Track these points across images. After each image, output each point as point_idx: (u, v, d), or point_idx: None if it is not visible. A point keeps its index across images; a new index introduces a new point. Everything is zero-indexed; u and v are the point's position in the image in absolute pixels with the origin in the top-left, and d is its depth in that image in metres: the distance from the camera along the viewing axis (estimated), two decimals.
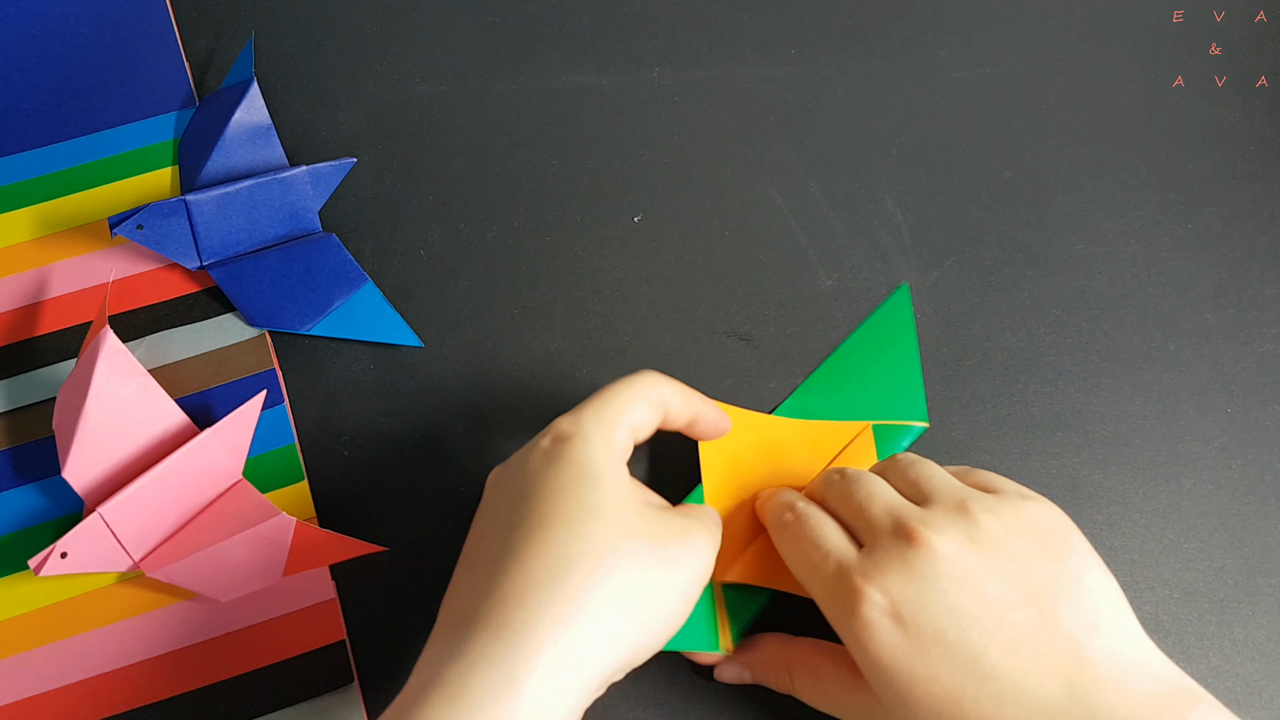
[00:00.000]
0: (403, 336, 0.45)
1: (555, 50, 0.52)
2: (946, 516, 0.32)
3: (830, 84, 0.51)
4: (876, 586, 0.31)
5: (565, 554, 0.30)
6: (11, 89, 0.50)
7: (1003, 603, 0.31)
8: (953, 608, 0.31)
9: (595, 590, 0.30)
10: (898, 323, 0.45)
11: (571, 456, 0.33)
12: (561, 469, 0.32)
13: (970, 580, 0.31)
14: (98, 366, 0.39)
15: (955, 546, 0.32)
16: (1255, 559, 0.41)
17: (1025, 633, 0.30)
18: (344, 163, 0.46)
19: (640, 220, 0.48)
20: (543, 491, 0.32)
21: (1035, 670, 0.30)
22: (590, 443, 0.33)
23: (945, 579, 0.31)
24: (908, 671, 0.31)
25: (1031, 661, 0.30)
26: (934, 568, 0.31)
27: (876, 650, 0.31)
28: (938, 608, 0.31)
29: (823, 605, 0.34)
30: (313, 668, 0.39)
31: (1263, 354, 0.45)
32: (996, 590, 0.31)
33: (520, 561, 0.30)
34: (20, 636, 0.40)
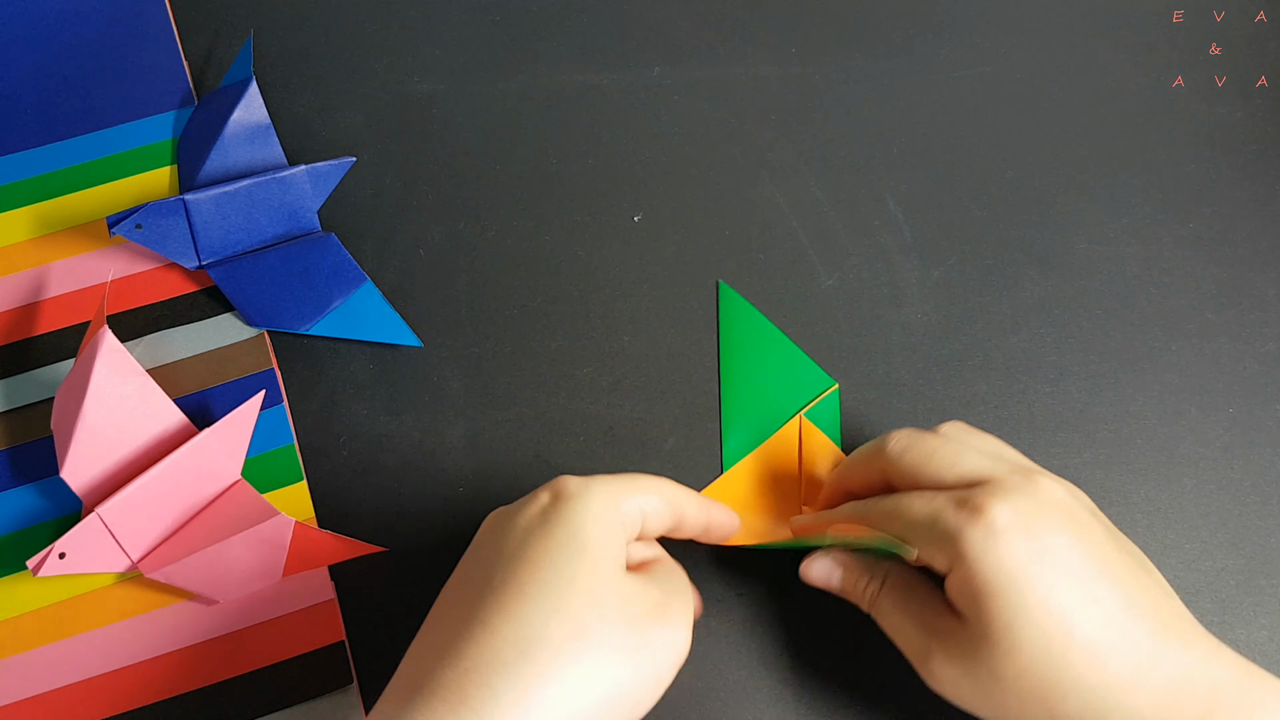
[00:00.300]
0: (402, 336, 0.44)
1: (555, 50, 0.52)
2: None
3: (830, 84, 0.51)
4: (1004, 503, 0.32)
5: (534, 632, 0.29)
6: (10, 88, 0.50)
7: (1106, 543, 0.33)
8: (1071, 537, 0.32)
9: (561, 674, 0.29)
10: (741, 318, 0.45)
11: (564, 520, 0.32)
12: (551, 532, 0.31)
13: (1074, 519, 0.33)
14: (96, 366, 0.39)
15: (1062, 490, 0.33)
16: (1257, 559, 0.41)
17: (1127, 575, 0.32)
18: (343, 162, 0.46)
19: (640, 220, 0.48)
20: (527, 554, 0.31)
21: (1133, 613, 0.31)
22: (589, 510, 0.32)
23: (1065, 511, 0.33)
24: (1028, 585, 0.31)
25: (1129, 605, 0.31)
26: (1054, 498, 0.33)
27: (1005, 572, 0.31)
28: (1060, 532, 0.32)
29: (929, 536, 0.33)
30: (312, 668, 0.39)
31: (1264, 354, 0.45)
32: (1100, 533, 0.33)
33: (489, 632, 0.30)
34: (19, 637, 0.39)
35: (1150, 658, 0.31)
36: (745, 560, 0.41)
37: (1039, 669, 0.31)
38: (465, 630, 0.30)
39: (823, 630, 0.40)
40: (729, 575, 0.41)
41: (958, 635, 0.33)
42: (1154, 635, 0.31)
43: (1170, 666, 0.31)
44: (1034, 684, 0.31)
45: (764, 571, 0.41)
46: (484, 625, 0.30)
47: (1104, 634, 0.31)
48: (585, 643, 0.30)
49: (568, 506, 0.32)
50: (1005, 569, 0.31)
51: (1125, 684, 0.31)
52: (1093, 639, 0.31)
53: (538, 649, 0.29)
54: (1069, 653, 0.31)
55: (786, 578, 0.41)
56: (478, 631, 0.30)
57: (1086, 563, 0.32)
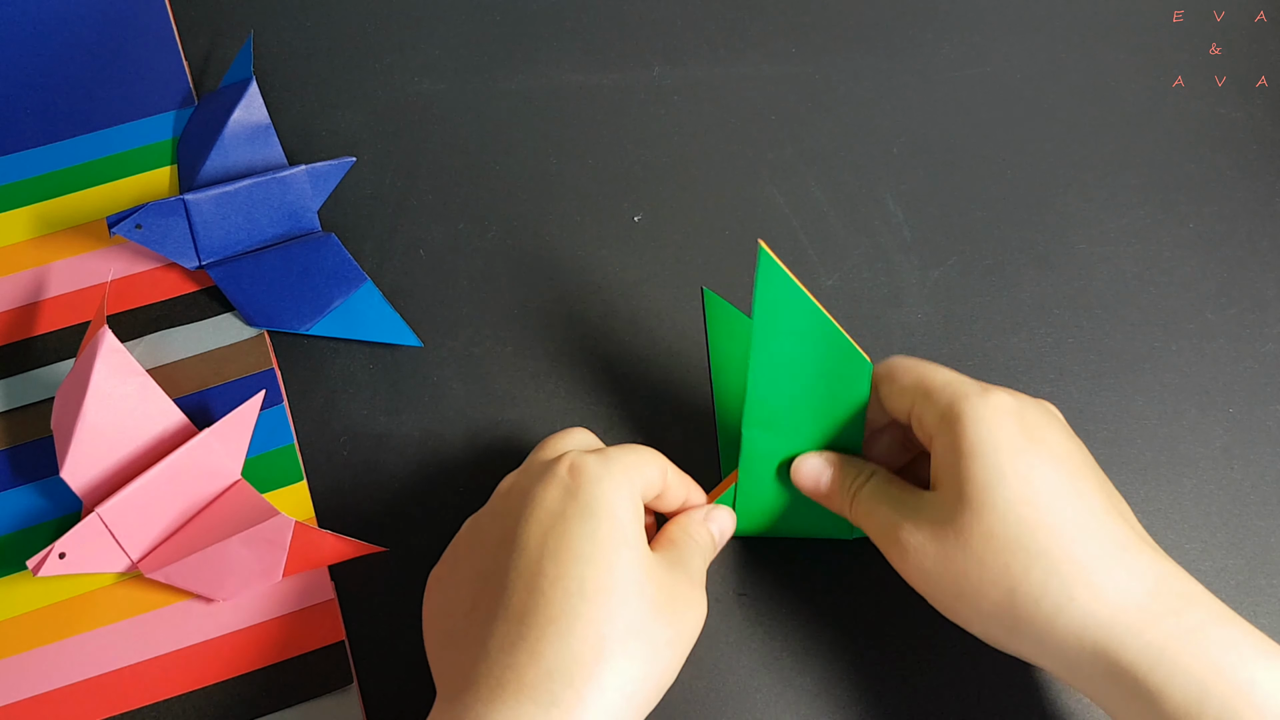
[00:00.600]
0: (402, 336, 0.44)
1: (555, 50, 0.52)
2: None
3: (830, 84, 0.51)
4: (1012, 397, 0.34)
5: (603, 631, 0.31)
6: (10, 88, 0.50)
7: (1094, 465, 0.34)
8: (1062, 437, 0.34)
9: (628, 669, 0.31)
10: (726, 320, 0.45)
11: (599, 509, 0.32)
12: (595, 526, 0.32)
13: (1070, 435, 0.35)
14: (96, 366, 0.39)
15: (1063, 419, 0.36)
16: (1257, 560, 0.41)
17: (1111, 492, 0.34)
18: (343, 162, 0.46)
19: (640, 220, 0.48)
20: (574, 548, 0.31)
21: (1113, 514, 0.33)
22: (619, 495, 0.33)
23: (1063, 427, 0.35)
24: (1015, 453, 0.33)
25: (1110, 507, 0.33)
26: (1056, 417, 0.35)
27: (992, 437, 0.33)
28: (1052, 429, 0.34)
29: (939, 398, 0.34)
30: (312, 668, 0.39)
31: (1264, 354, 0.45)
32: (1090, 460, 0.34)
33: (564, 634, 0.30)
34: (19, 637, 0.39)
35: (1123, 551, 0.32)
36: (746, 560, 0.41)
37: (1007, 533, 0.32)
38: (537, 627, 0.31)
39: (823, 630, 0.40)
40: (730, 575, 0.41)
41: (931, 505, 0.34)
42: (1130, 538, 0.32)
43: (1143, 566, 0.32)
44: (998, 549, 0.32)
45: (765, 571, 0.41)
46: (556, 625, 0.30)
47: (1080, 518, 0.32)
48: (643, 639, 0.31)
49: (597, 491, 0.32)
50: (995, 437, 0.33)
51: (1093, 569, 0.31)
52: (1068, 518, 0.32)
53: (609, 648, 0.30)
54: (1041, 527, 0.32)
55: (787, 578, 0.41)
56: (551, 632, 0.30)
57: (1075, 462, 0.33)
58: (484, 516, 0.35)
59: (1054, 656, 0.32)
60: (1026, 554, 0.32)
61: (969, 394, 0.34)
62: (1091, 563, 0.31)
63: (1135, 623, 0.30)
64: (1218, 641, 0.30)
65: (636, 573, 0.32)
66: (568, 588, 0.31)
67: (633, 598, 0.31)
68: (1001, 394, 0.34)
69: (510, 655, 0.31)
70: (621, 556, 0.32)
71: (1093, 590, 0.31)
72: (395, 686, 0.39)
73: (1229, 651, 0.30)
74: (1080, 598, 0.31)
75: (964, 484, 0.33)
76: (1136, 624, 0.30)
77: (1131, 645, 0.30)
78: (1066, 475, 0.33)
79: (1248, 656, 0.30)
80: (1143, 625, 0.30)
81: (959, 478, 0.33)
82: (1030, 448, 0.33)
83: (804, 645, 0.40)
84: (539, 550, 0.32)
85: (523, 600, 0.31)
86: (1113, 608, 0.31)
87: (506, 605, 0.32)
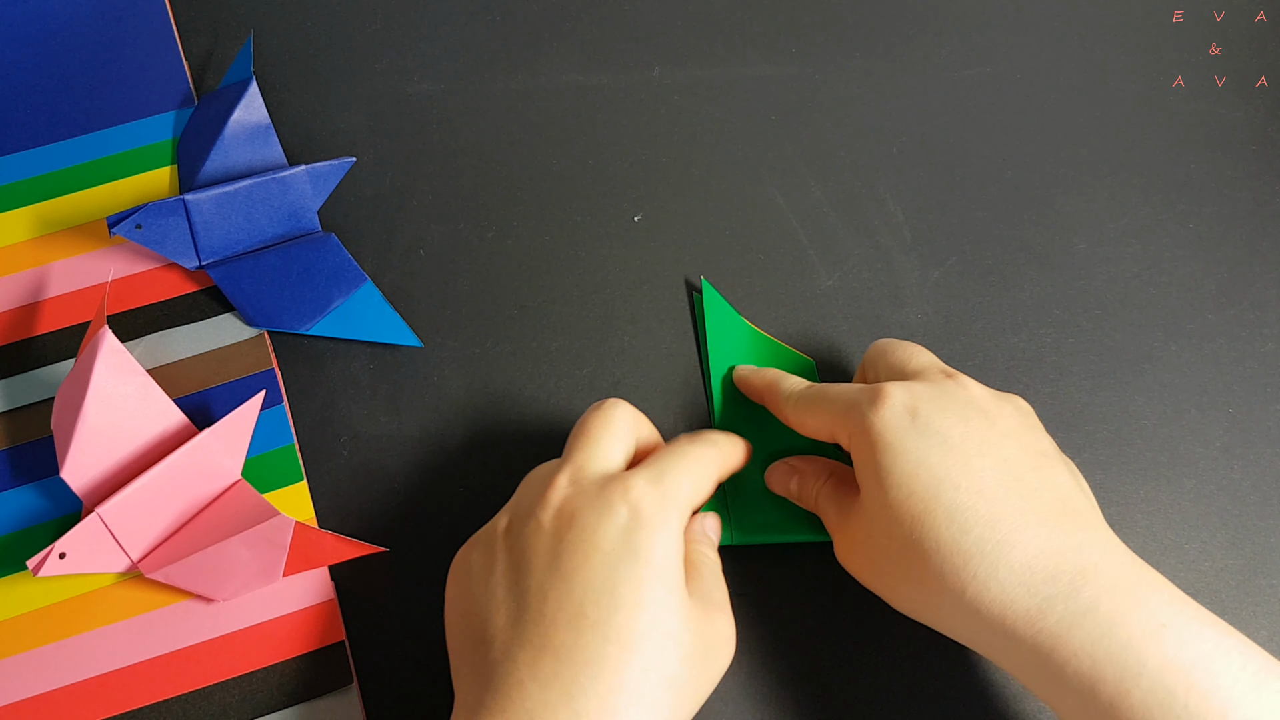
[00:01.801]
0: (402, 336, 0.44)
1: (555, 50, 0.52)
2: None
3: (830, 84, 0.51)
4: (904, 390, 0.35)
5: (646, 679, 0.31)
6: (10, 88, 0.50)
7: (1010, 437, 0.34)
8: (962, 420, 0.34)
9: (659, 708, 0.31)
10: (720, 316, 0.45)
11: (655, 559, 0.32)
12: (649, 576, 0.32)
13: (981, 414, 0.35)
14: (96, 366, 0.39)
15: (982, 391, 0.36)
16: (1257, 560, 0.41)
17: (1023, 466, 0.34)
18: (343, 162, 0.46)
19: (640, 220, 0.48)
20: (626, 595, 0.31)
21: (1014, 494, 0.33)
22: (673, 543, 0.33)
23: (965, 403, 0.35)
24: (903, 450, 0.33)
25: (1011, 486, 0.33)
26: (961, 392, 0.35)
27: (883, 429, 0.34)
28: (949, 415, 0.34)
29: (843, 418, 0.36)
30: (312, 668, 0.39)
31: (1264, 354, 0.45)
32: (1009, 428, 0.35)
33: (616, 675, 0.31)
34: (19, 637, 0.39)
35: (1018, 533, 0.32)
36: (746, 561, 0.41)
37: (898, 530, 0.33)
38: (574, 667, 0.31)
39: (823, 631, 0.40)
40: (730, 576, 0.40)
41: (858, 503, 0.36)
42: (1030, 515, 0.32)
43: (1039, 544, 0.31)
44: (897, 549, 0.33)
45: (765, 572, 0.41)
46: (590, 670, 0.31)
47: (971, 501, 0.32)
48: (674, 689, 0.32)
49: (652, 540, 0.32)
50: (888, 434, 0.34)
51: (985, 553, 0.31)
52: (958, 503, 0.32)
53: (641, 698, 0.31)
54: (934, 511, 0.32)
55: (787, 578, 0.41)
56: (586, 677, 0.31)
57: (973, 443, 0.33)
58: (525, 519, 0.34)
59: (973, 642, 0.33)
60: (921, 550, 0.32)
61: (861, 403, 0.35)
62: (978, 553, 0.32)
63: (1026, 611, 0.31)
64: (1107, 622, 0.30)
65: (674, 622, 0.32)
66: (607, 634, 0.31)
67: (670, 648, 0.32)
68: (892, 392, 0.35)
69: (544, 691, 0.30)
70: (664, 605, 0.32)
71: (981, 582, 0.31)
72: (395, 686, 0.39)
73: (1117, 630, 0.30)
74: (970, 589, 0.31)
75: (869, 489, 0.34)
76: (1028, 612, 0.31)
77: (1025, 633, 0.31)
78: (959, 459, 0.33)
79: (1136, 634, 0.30)
80: (1033, 613, 0.31)
81: (866, 483, 0.35)
82: (920, 439, 0.34)
83: (804, 645, 0.40)
84: (584, 590, 0.32)
85: (563, 638, 0.31)
86: (1004, 598, 0.31)
87: (546, 636, 0.31)
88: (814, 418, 0.38)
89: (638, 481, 0.33)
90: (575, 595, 0.31)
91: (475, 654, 0.33)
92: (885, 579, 0.35)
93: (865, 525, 0.35)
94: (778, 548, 0.41)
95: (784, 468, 0.40)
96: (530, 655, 0.31)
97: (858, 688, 0.39)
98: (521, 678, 0.31)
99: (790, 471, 0.40)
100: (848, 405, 0.36)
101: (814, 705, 0.39)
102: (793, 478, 0.40)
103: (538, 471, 0.36)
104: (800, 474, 0.39)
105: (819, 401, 0.38)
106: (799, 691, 0.39)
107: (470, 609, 0.34)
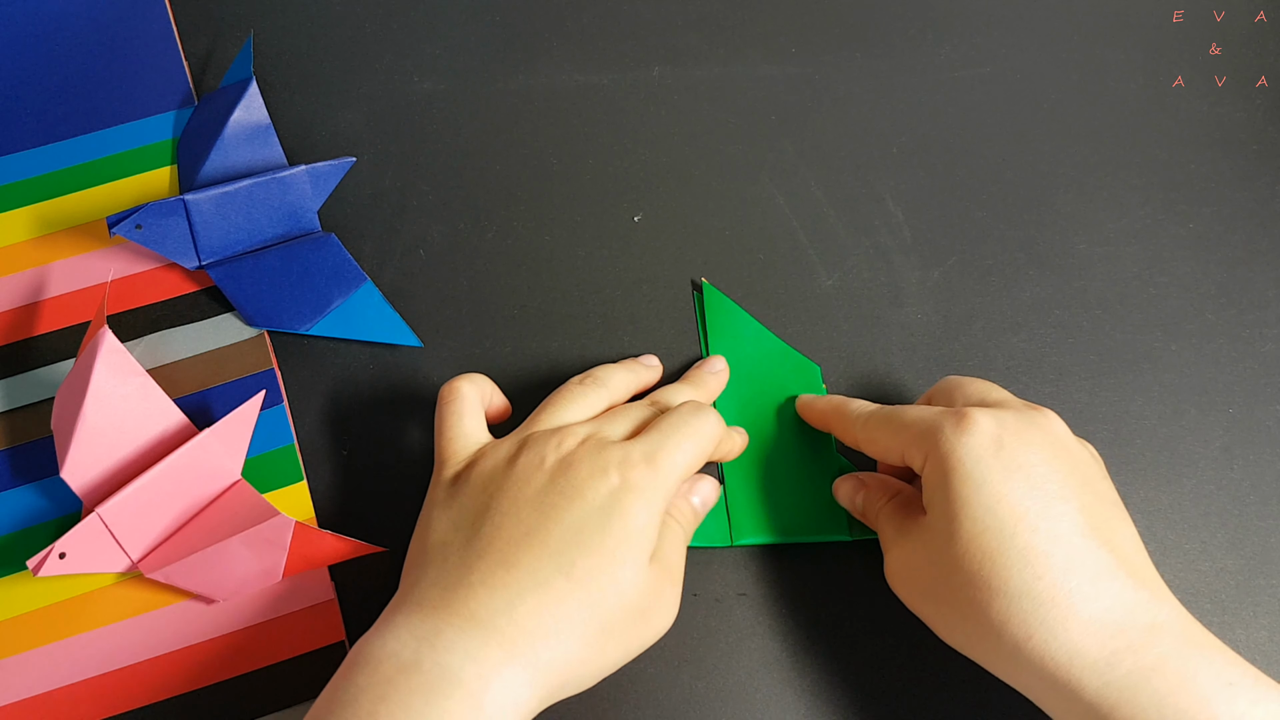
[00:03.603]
0: (402, 336, 0.44)
1: (555, 50, 0.52)
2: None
3: (830, 84, 0.51)
4: (991, 417, 0.34)
5: (578, 615, 0.32)
6: (10, 88, 0.50)
7: (1086, 484, 0.34)
8: (1047, 459, 0.34)
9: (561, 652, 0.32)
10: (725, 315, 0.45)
11: (629, 520, 0.33)
12: (615, 526, 0.33)
13: (1065, 453, 0.34)
14: (96, 366, 0.39)
15: (1065, 430, 0.35)
16: (1257, 560, 0.41)
17: (1098, 515, 0.33)
18: (343, 162, 0.46)
19: (640, 220, 0.48)
20: (585, 546, 0.33)
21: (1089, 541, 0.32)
22: (654, 509, 0.34)
23: (1050, 440, 0.34)
24: (983, 481, 0.33)
25: (1086, 534, 0.32)
26: (1047, 427, 0.35)
27: (965, 456, 0.33)
28: (1034, 450, 0.34)
29: (919, 440, 0.35)
30: (312, 668, 0.39)
31: (1264, 354, 0.45)
32: (1086, 473, 0.34)
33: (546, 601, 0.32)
34: (19, 637, 0.39)
35: (1092, 584, 0.31)
36: (746, 561, 0.41)
37: (970, 566, 0.32)
38: (542, 586, 0.32)
39: (824, 631, 0.40)
40: (730, 576, 0.41)
41: (921, 525, 0.35)
42: (1104, 567, 0.32)
43: (1110, 598, 0.31)
44: (964, 583, 0.33)
45: (765, 572, 0.41)
46: (555, 591, 0.32)
47: (1049, 546, 0.32)
48: (611, 638, 0.33)
49: (636, 510, 0.34)
50: (969, 462, 0.33)
51: (1058, 601, 0.31)
52: (1035, 547, 0.32)
53: (572, 632, 0.32)
54: (1009, 551, 0.32)
55: (787, 578, 0.41)
56: (553, 595, 0.32)
57: (1055, 485, 0.33)
58: (534, 452, 0.35)
59: (1023, 686, 0.33)
60: (988, 588, 0.32)
61: (943, 425, 0.35)
62: (1051, 600, 0.31)
63: (1094, 663, 0.30)
64: (1176, 677, 0.30)
65: (628, 578, 0.33)
66: (561, 565, 0.32)
67: (615, 598, 0.33)
68: (978, 418, 0.34)
69: (491, 596, 0.32)
70: (623, 561, 0.33)
71: (1050, 630, 0.31)
72: None
73: (1187, 686, 0.30)
74: (1037, 635, 0.31)
75: (939, 515, 0.34)
76: (1095, 664, 0.30)
77: (1090, 685, 0.30)
78: (1040, 500, 0.32)
79: (1206, 692, 0.29)
80: (1101, 666, 0.30)
81: (937, 508, 0.34)
82: (1006, 474, 0.33)
83: (804, 645, 0.40)
84: (558, 527, 0.33)
85: (522, 558, 0.33)
86: (1071, 648, 0.31)
87: (506, 554, 0.33)
88: (887, 437, 0.37)
89: (635, 455, 0.35)
90: (547, 528, 0.33)
91: (433, 553, 0.34)
92: (939, 610, 0.35)
93: (926, 552, 0.34)
94: (778, 548, 0.41)
95: (852, 481, 0.40)
96: (488, 565, 0.33)
97: (858, 687, 0.39)
98: (473, 581, 0.32)
99: (858, 486, 0.40)
100: (927, 427, 0.35)
101: (814, 705, 0.39)
102: (859, 492, 0.39)
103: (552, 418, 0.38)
104: (866, 488, 0.39)
105: (893, 421, 0.37)
106: (799, 690, 0.39)
107: (447, 516, 0.35)
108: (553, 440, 0.36)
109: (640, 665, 0.39)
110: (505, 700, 0.31)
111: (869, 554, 0.41)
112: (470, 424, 0.38)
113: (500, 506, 0.34)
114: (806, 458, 0.42)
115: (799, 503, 0.41)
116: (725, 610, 0.40)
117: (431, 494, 0.37)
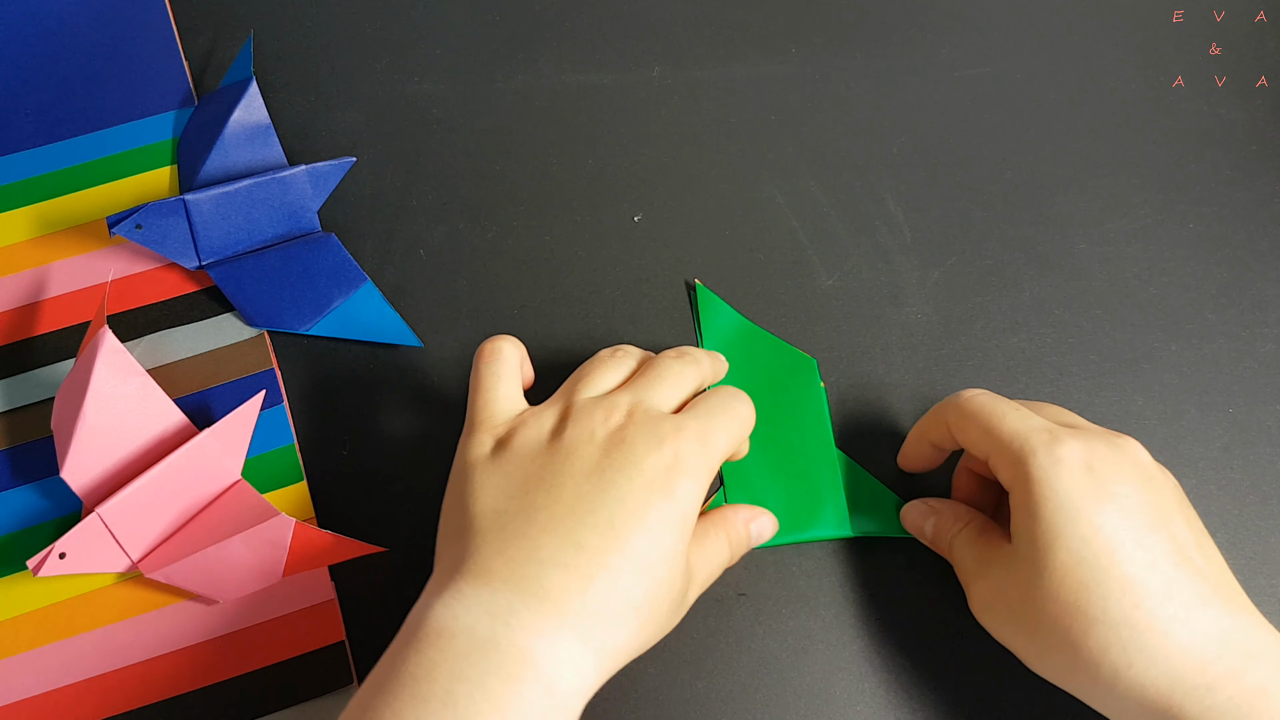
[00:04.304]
0: (402, 336, 0.44)
1: (555, 50, 0.52)
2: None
3: (830, 84, 0.51)
4: (1082, 443, 0.34)
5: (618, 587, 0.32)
6: (10, 88, 0.50)
7: (1175, 511, 0.34)
8: (1138, 488, 0.33)
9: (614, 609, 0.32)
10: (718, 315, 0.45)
11: (679, 500, 0.33)
12: (667, 507, 0.33)
13: (1151, 481, 0.34)
14: (96, 366, 0.39)
15: (1148, 457, 0.35)
16: (1257, 559, 0.41)
17: (1189, 541, 0.33)
18: (343, 162, 0.46)
19: (640, 220, 0.48)
20: (635, 523, 0.33)
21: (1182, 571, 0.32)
22: (701, 488, 0.34)
23: (1137, 468, 0.34)
24: (1077, 512, 0.33)
25: (1180, 563, 0.32)
26: (1133, 454, 0.35)
27: (1058, 484, 0.33)
28: (1125, 480, 0.33)
29: (1009, 453, 0.35)
30: (312, 668, 0.39)
31: (1265, 354, 0.45)
32: (1172, 501, 0.34)
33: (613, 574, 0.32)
34: (19, 637, 0.39)
35: (1189, 611, 0.31)
36: (746, 560, 0.41)
37: (1067, 597, 0.32)
38: (588, 550, 0.32)
39: (823, 630, 0.40)
40: (731, 576, 0.41)
41: (1007, 553, 0.35)
42: (1199, 594, 0.32)
43: (1208, 625, 0.31)
44: (1059, 612, 0.32)
45: (766, 572, 0.41)
46: (601, 563, 0.32)
47: (1145, 575, 0.32)
48: (637, 616, 0.33)
49: (687, 485, 0.34)
50: (1062, 492, 0.33)
51: (1157, 628, 0.31)
52: (1132, 576, 0.32)
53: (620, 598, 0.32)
54: (1105, 582, 0.32)
55: (787, 578, 0.41)
56: (598, 565, 0.32)
57: (1146, 514, 0.33)
58: (581, 426, 0.35)
59: (1119, 714, 0.33)
60: (1085, 618, 0.32)
61: (1036, 448, 0.34)
62: (1150, 628, 0.31)
63: (1195, 689, 0.31)
64: (1278, 703, 0.30)
65: (666, 563, 0.33)
66: (612, 540, 0.32)
67: (650, 581, 0.33)
68: (1070, 444, 0.34)
69: (540, 556, 0.32)
70: (669, 545, 0.33)
71: (1150, 657, 0.31)
72: None
73: None
74: (1138, 663, 0.31)
75: (1031, 545, 0.33)
76: (1196, 690, 0.31)
77: (1192, 711, 0.30)
78: (1133, 530, 0.32)
79: None
80: (1202, 691, 0.30)
81: (1028, 537, 0.34)
82: (1100, 504, 0.33)
83: (804, 645, 0.40)
84: (615, 503, 0.33)
85: (576, 530, 0.32)
86: (1171, 675, 0.31)
87: (562, 521, 0.33)
88: (978, 433, 0.36)
89: (688, 433, 0.34)
90: (604, 503, 0.33)
91: (488, 520, 0.33)
92: (1032, 640, 0.34)
93: (1017, 582, 0.34)
94: (778, 547, 0.41)
95: (921, 507, 0.40)
96: (557, 542, 0.32)
97: (858, 687, 0.39)
98: (543, 559, 0.32)
99: (928, 512, 0.39)
100: (1020, 442, 0.35)
101: (814, 704, 0.39)
102: (929, 518, 0.39)
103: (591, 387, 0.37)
104: (937, 515, 0.39)
105: (990, 418, 0.36)
106: (799, 690, 0.39)
107: (494, 483, 0.34)
108: (599, 412, 0.35)
109: (640, 665, 0.39)
110: (575, 685, 0.30)
111: (869, 554, 0.41)
112: (510, 387, 0.38)
113: (554, 479, 0.33)
114: (805, 456, 0.42)
115: (798, 501, 0.41)
116: (725, 610, 0.40)
117: (467, 455, 0.36)
